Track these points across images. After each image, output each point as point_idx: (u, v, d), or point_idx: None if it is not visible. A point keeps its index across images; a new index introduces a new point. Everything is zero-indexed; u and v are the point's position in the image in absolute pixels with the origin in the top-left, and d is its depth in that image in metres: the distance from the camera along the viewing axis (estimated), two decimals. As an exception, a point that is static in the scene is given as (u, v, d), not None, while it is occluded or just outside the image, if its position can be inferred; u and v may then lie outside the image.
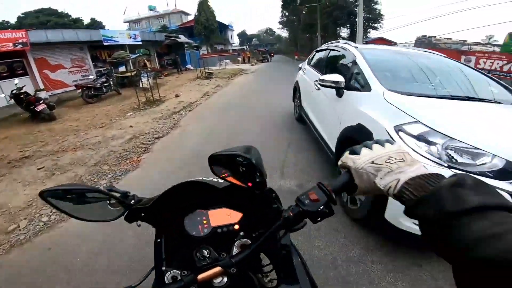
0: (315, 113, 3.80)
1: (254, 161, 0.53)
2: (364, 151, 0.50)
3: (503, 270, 0.28)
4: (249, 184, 0.56)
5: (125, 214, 0.66)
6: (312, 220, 0.50)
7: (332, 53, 3.82)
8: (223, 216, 0.66)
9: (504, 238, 0.30)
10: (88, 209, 0.63)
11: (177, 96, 9.06)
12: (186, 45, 21.89)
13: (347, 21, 26.93)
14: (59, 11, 43.05)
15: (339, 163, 0.54)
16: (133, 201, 0.66)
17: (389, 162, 0.46)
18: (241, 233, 0.64)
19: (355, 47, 3.12)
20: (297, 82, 5.25)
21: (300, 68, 5.41)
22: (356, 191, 0.51)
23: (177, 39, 19.96)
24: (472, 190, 0.36)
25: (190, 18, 38.22)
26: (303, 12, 34.82)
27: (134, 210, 0.66)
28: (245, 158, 0.53)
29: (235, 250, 0.62)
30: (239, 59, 31.03)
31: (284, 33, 53.80)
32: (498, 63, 10.16)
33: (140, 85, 9.34)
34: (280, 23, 44.15)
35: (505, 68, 9.89)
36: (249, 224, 0.64)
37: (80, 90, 9.09)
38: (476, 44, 18.84)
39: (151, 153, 4.28)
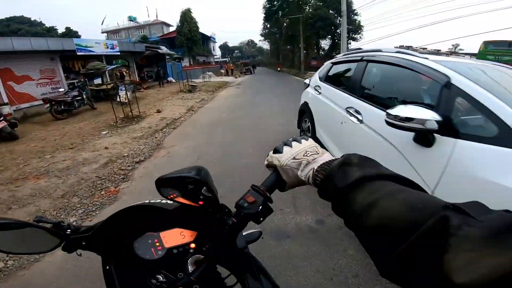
0: None
1: (202, 180, 0.54)
2: (286, 149, 0.55)
3: (383, 234, 0.32)
4: (200, 203, 0.55)
5: (62, 245, 0.62)
6: (256, 221, 0.54)
7: (377, 68, 2.67)
8: (177, 237, 0.63)
9: (377, 205, 0.34)
10: (19, 241, 0.60)
11: (158, 111, 8.45)
12: (167, 57, 21.32)
13: (329, 32, 27.49)
14: (32, 19, 41.41)
15: (265, 162, 0.59)
16: (69, 230, 0.62)
17: (306, 155, 0.52)
18: (191, 250, 0.61)
19: (424, 57, 2.01)
20: (305, 104, 4.06)
21: (307, 85, 4.29)
22: (285, 186, 0.56)
23: (159, 50, 19.39)
24: (356, 166, 0.41)
25: (172, 29, 37.74)
26: (285, 24, 35.48)
27: (73, 239, 0.62)
28: (193, 178, 0.53)
29: (190, 268, 0.59)
30: (222, 71, 30.98)
31: (266, 45, 54.69)
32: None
33: (118, 99, 8.62)
34: (261, 35, 44.72)
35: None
36: (205, 241, 0.61)
37: (48, 105, 8.20)
38: (451, 53, 19.89)
39: (131, 182, 3.68)
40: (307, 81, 4.42)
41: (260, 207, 0.53)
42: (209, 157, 4.39)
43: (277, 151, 0.56)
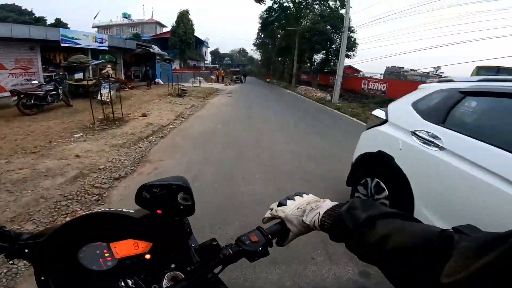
0: None
1: (167, 188, 0.53)
2: (289, 202, 0.61)
3: (399, 258, 0.38)
4: (158, 211, 0.54)
5: (7, 251, 0.55)
6: (249, 259, 0.55)
7: None
8: (129, 247, 0.59)
9: (390, 238, 0.40)
10: None
11: (144, 115, 7.63)
12: (158, 57, 20.51)
13: (324, 47, 27.53)
14: (23, 8, 39.83)
15: (268, 215, 0.63)
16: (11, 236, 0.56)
17: (310, 204, 0.59)
18: (173, 265, 0.59)
19: None
20: (384, 156, 2.34)
21: (381, 120, 2.58)
22: (288, 236, 0.59)
23: (150, 49, 18.56)
24: (361, 209, 0.47)
25: (165, 30, 36.93)
26: (279, 36, 35.50)
27: (22, 245, 0.55)
28: (159, 185, 0.53)
29: (165, 282, 0.57)
30: (213, 77, 30.37)
31: (257, 55, 54.76)
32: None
33: (99, 98, 7.71)
34: (254, 44, 44.71)
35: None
36: (164, 254, 0.60)
37: (16, 98, 7.16)
38: (440, 76, 20.55)
39: (107, 205, 2.93)
40: (378, 113, 2.72)
41: (260, 248, 0.55)
42: (208, 180, 3.67)
43: (281, 204, 0.62)
